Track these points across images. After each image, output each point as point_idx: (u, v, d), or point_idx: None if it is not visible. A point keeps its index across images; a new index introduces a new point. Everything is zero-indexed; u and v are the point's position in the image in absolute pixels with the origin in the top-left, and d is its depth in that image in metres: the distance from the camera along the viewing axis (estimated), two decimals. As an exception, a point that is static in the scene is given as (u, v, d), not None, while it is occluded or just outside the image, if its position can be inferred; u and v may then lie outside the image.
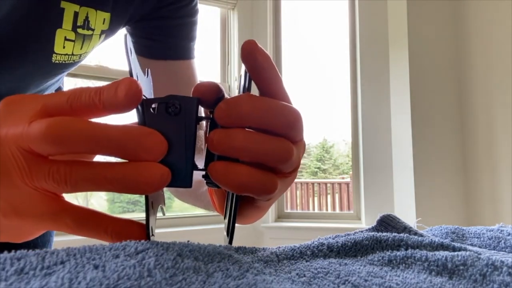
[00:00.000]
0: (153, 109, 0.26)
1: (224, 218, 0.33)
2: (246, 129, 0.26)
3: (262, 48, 0.27)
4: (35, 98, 0.26)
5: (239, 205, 0.31)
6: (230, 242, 0.30)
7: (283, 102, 0.28)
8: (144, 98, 0.27)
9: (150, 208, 0.27)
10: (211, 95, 0.28)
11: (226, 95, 0.30)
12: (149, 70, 0.31)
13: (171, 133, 0.26)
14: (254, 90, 0.28)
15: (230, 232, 0.30)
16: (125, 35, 0.27)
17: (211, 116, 0.29)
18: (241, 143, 0.25)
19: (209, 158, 0.29)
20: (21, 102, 0.26)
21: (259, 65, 0.27)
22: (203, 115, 0.31)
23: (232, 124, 0.26)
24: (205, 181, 0.31)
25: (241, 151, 0.26)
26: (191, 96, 0.28)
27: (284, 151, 0.27)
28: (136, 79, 0.26)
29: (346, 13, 2.28)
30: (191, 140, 0.27)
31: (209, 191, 0.44)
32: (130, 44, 0.27)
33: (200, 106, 0.28)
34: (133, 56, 0.27)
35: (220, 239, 0.34)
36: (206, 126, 0.31)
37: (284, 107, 0.27)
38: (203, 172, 0.29)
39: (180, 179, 0.27)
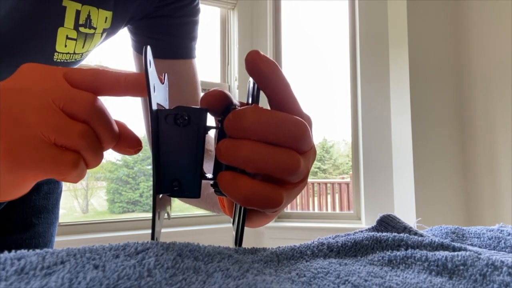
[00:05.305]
0: (164, 119, 0.27)
1: (233, 224, 0.33)
2: (255, 140, 0.26)
3: (265, 56, 0.27)
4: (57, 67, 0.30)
5: (248, 210, 0.31)
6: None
7: (289, 114, 0.27)
8: (160, 108, 0.27)
9: (156, 217, 0.27)
10: (219, 103, 0.29)
11: (235, 102, 0.30)
12: (166, 75, 0.32)
13: (180, 144, 0.27)
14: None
15: (239, 240, 0.30)
16: (146, 47, 0.27)
17: (220, 125, 0.29)
18: (246, 154, 0.25)
19: (218, 167, 0.29)
20: (45, 67, 0.29)
21: (264, 74, 0.27)
22: (212, 123, 0.31)
23: (239, 135, 0.26)
24: (211, 185, 0.31)
25: (247, 162, 0.26)
26: (199, 107, 0.28)
27: (291, 163, 0.26)
28: (153, 90, 0.27)
29: (346, 13, 2.28)
30: (200, 152, 0.27)
31: None
32: (150, 57, 0.27)
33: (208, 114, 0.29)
34: (152, 68, 0.27)
35: (220, 239, 0.34)
36: (215, 134, 0.31)
37: (289, 120, 0.27)
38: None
39: (189, 190, 0.27)
